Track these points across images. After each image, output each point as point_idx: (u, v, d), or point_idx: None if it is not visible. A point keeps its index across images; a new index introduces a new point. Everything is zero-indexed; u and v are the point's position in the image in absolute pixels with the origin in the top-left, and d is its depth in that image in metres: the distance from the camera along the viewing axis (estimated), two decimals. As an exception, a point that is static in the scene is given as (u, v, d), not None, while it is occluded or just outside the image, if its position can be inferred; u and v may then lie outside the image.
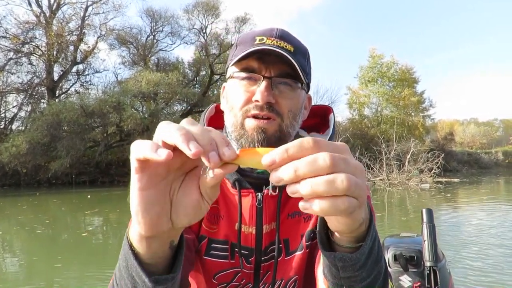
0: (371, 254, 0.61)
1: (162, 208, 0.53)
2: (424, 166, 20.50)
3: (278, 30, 0.87)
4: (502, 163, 46.01)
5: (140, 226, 0.52)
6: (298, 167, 0.44)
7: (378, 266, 0.65)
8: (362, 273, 0.62)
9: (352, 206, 0.45)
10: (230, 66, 0.89)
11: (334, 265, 0.62)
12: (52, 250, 6.48)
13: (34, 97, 25.43)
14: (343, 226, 0.54)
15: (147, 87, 22.91)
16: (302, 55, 0.89)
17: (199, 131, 0.47)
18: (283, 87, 0.85)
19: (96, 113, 21.77)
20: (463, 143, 57.41)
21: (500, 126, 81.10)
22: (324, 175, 0.43)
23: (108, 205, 13.23)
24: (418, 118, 34.39)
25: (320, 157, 0.44)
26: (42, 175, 21.68)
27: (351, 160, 0.47)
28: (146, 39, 29.15)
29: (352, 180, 0.44)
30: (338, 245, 0.62)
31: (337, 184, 0.43)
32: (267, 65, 0.84)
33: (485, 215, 9.43)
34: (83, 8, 26.04)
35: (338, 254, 0.60)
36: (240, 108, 0.86)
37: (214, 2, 28.68)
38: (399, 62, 34.32)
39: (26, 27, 23.84)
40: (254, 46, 0.83)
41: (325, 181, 0.43)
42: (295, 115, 0.88)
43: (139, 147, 0.47)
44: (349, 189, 0.44)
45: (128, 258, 0.57)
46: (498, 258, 5.38)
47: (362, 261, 0.60)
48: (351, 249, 0.61)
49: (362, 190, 0.46)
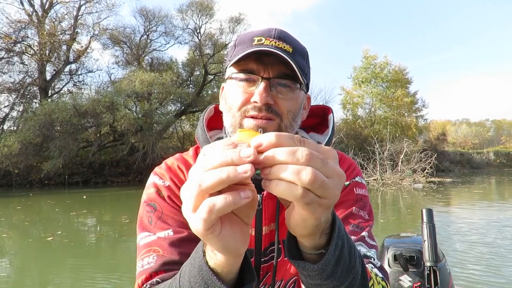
0: (339, 262, 0.61)
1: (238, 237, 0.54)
2: (417, 166, 20.68)
3: (277, 31, 0.87)
4: (493, 163, 46.58)
5: (227, 257, 0.55)
6: (277, 153, 0.47)
7: (353, 272, 0.64)
8: (333, 281, 0.62)
9: (309, 197, 0.47)
10: (228, 67, 0.89)
11: (301, 273, 0.63)
12: (44, 252, 6.42)
13: (26, 96, 25.19)
14: (298, 219, 0.53)
15: (140, 87, 22.78)
16: (301, 56, 0.89)
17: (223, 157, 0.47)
18: (282, 88, 0.85)
19: (89, 113, 21.60)
20: (455, 143, 58.03)
21: (492, 126, 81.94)
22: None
23: (102, 206, 13.14)
24: (411, 118, 34.67)
25: (299, 150, 0.46)
26: (34, 176, 21.50)
27: (331, 163, 0.48)
28: (139, 39, 29.00)
29: (318, 177, 0.45)
30: (303, 251, 0.62)
31: (301, 174, 0.45)
32: (266, 66, 0.84)
33: (477, 214, 9.53)
34: (75, 7, 25.89)
35: (302, 263, 0.60)
36: (239, 109, 0.86)
37: (208, 2, 28.61)
38: (392, 63, 34.65)
39: (18, 26, 23.63)
40: (253, 46, 0.83)
41: (292, 170, 0.45)
42: (294, 115, 0.88)
43: (215, 204, 0.46)
44: (312, 184, 0.45)
45: (210, 283, 0.58)
46: (491, 256, 5.44)
47: (329, 271, 0.60)
48: (312, 256, 0.61)
49: (329, 192, 0.47)
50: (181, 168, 0.97)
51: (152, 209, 0.91)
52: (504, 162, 47.97)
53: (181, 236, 0.86)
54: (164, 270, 0.81)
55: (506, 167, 46.57)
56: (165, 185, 0.94)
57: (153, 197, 0.93)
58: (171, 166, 0.98)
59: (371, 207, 1.02)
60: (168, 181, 0.95)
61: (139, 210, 0.95)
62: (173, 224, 0.88)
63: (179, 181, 0.95)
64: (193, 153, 1.02)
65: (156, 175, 0.97)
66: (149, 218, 0.90)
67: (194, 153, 1.02)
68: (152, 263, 0.82)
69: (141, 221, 0.92)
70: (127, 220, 9.06)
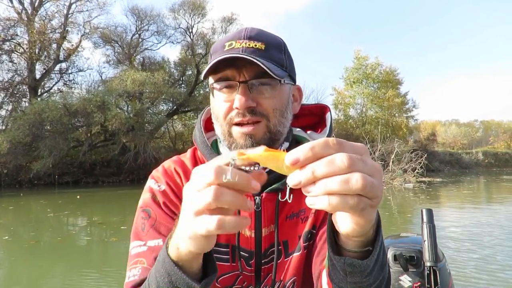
0: (378, 260, 0.61)
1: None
2: (407, 166, 20.87)
3: (247, 30, 0.85)
4: (482, 163, 47.22)
5: (194, 248, 0.56)
6: (316, 168, 0.44)
7: (384, 271, 0.65)
8: (369, 279, 0.62)
9: (363, 202, 0.46)
10: (204, 78, 0.87)
11: (343, 270, 0.62)
12: (35, 253, 6.34)
13: (15, 95, 24.85)
14: (354, 225, 0.53)
15: (132, 86, 22.65)
16: (277, 49, 0.87)
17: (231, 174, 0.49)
18: (262, 87, 0.83)
19: (80, 112, 21.41)
20: (445, 144, 58.67)
21: (480, 127, 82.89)
22: (341, 175, 0.44)
23: (93, 206, 13.01)
24: (401, 118, 35.04)
25: (337, 157, 0.44)
26: (24, 176, 21.23)
27: (369, 161, 0.47)
28: (131, 38, 28.82)
29: (367, 180, 0.44)
30: (344, 249, 0.62)
31: (351, 183, 0.43)
32: (240, 70, 0.82)
33: (467, 214, 9.64)
34: (66, 6, 25.66)
35: (348, 260, 0.60)
36: (224, 118, 0.85)
37: (201, 1, 28.57)
38: (383, 64, 34.95)
39: (7, 24, 23.32)
40: (224, 53, 0.82)
41: (341, 181, 0.43)
42: (282, 112, 0.86)
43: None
44: (364, 189, 0.44)
45: (173, 274, 0.61)
46: (482, 255, 5.51)
47: (371, 268, 0.60)
48: (357, 254, 0.61)
49: (377, 190, 0.46)
50: (178, 172, 0.96)
51: (147, 215, 0.90)
52: (492, 162, 48.66)
53: None
54: None
55: (494, 167, 47.25)
56: (161, 190, 0.93)
57: (148, 202, 0.92)
58: (168, 169, 0.97)
59: None
60: (164, 185, 0.94)
61: (135, 215, 0.94)
62: (165, 233, 0.87)
63: (175, 185, 0.94)
64: (191, 155, 1.01)
65: (153, 179, 0.96)
66: (142, 225, 0.90)
67: (192, 155, 1.01)
68: (136, 275, 0.82)
69: (135, 227, 0.91)
70: (118, 221, 8.99)
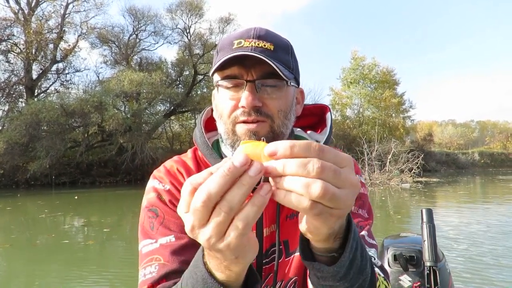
0: (352, 265, 0.62)
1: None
2: (404, 166, 20.95)
3: (256, 30, 0.84)
4: (478, 163, 47.37)
5: (240, 267, 0.55)
6: (287, 165, 0.46)
7: (364, 274, 0.66)
8: (345, 283, 0.63)
9: (318, 208, 0.46)
10: (211, 75, 0.87)
11: (314, 274, 0.64)
12: (32, 253, 6.33)
13: (12, 96, 24.71)
14: (309, 225, 0.54)
15: (129, 86, 22.57)
16: (284, 51, 0.87)
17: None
18: (268, 88, 0.83)
19: (77, 112, 21.31)
20: (441, 144, 58.82)
21: (476, 127, 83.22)
22: (306, 178, 0.45)
23: (90, 207, 12.97)
24: (398, 119, 35.10)
25: (311, 162, 0.45)
26: (20, 176, 21.12)
27: (345, 174, 0.47)
28: (128, 38, 28.73)
29: (328, 191, 0.45)
30: (316, 253, 0.63)
31: (310, 189, 0.44)
32: (248, 69, 0.81)
33: (463, 213, 9.68)
34: (63, 6, 25.52)
35: (316, 265, 0.62)
36: (229, 116, 0.85)
37: (198, 2, 28.51)
38: (380, 64, 35.03)
39: (3, 24, 23.20)
40: (233, 51, 0.81)
41: (302, 184, 0.45)
42: (286, 113, 0.86)
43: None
44: (322, 198, 0.45)
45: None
46: (481, 254, 5.54)
47: (342, 273, 0.61)
48: (327, 259, 0.62)
49: (340, 202, 0.47)
50: (181, 171, 0.96)
51: (154, 215, 0.90)
52: (488, 162, 48.80)
53: (183, 242, 0.85)
54: (166, 280, 0.80)
55: (490, 167, 47.40)
56: (166, 189, 0.92)
57: (154, 202, 0.91)
58: (170, 169, 0.97)
59: (371, 206, 1.03)
60: (168, 184, 0.93)
61: (140, 216, 0.93)
62: (175, 229, 0.87)
63: (179, 184, 0.93)
64: (192, 155, 1.01)
65: (156, 179, 0.96)
66: (151, 224, 0.89)
67: (193, 156, 1.01)
68: (154, 272, 0.81)
69: (142, 227, 0.91)
70: (116, 221, 8.98)
